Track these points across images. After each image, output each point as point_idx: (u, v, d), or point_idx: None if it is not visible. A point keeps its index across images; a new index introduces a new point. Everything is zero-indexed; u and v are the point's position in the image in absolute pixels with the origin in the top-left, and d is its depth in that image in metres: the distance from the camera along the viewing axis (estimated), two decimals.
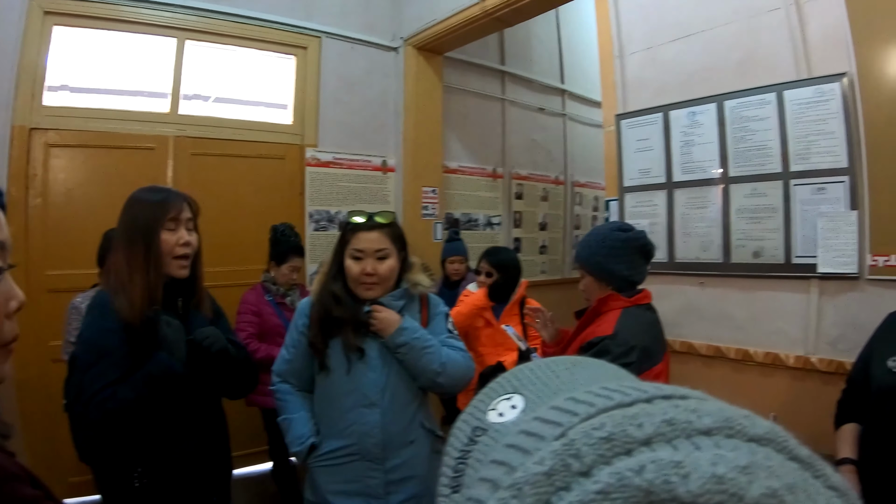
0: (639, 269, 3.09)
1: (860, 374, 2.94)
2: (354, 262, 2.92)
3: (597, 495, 0.39)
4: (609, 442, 0.42)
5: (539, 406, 0.55)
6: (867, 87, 3.59)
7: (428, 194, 7.15)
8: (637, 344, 2.84)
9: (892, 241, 3.46)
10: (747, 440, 0.43)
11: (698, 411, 0.45)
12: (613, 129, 4.86)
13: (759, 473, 0.39)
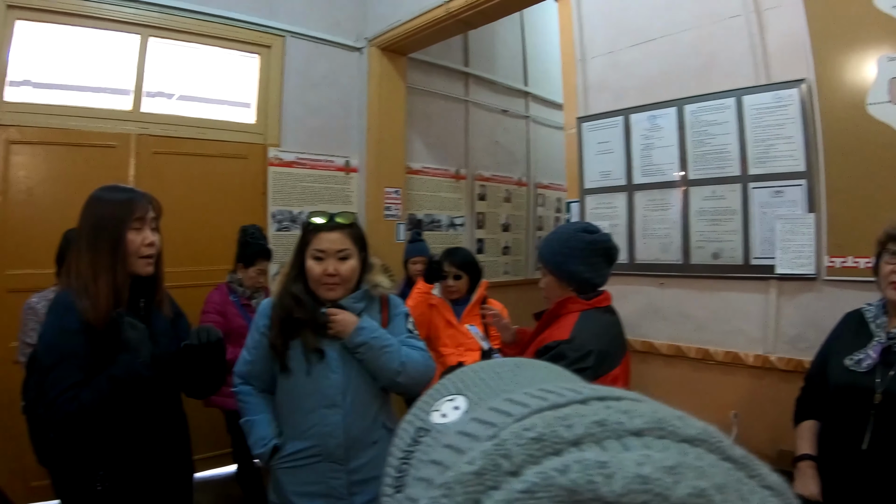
0: (601, 272, 3.05)
1: (818, 373, 3.03)
2: (316, 263, 2.92)
3: (522, 494, 0.39)
4: (539, 442, 0.43)
5: (480, 407, 0.55)
6: (825, 93, 3.68)
7: (391, 195, 7.12)
8: (594, 348, 2.79)
9: (848, 243, 3.54)
10: (679, 441, 0.44)
11: (630, 412, 0.46)
12: (574, 132, 4.90)
13: (687, 474, 0.39)
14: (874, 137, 3.47)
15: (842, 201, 3.62)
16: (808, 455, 2.90)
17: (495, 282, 8.01)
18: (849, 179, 3.59)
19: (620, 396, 0.50)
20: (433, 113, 7.94)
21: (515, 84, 9.07)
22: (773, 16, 3.91)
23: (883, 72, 3.47)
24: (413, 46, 7.06)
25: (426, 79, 7.80)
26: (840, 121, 3.62)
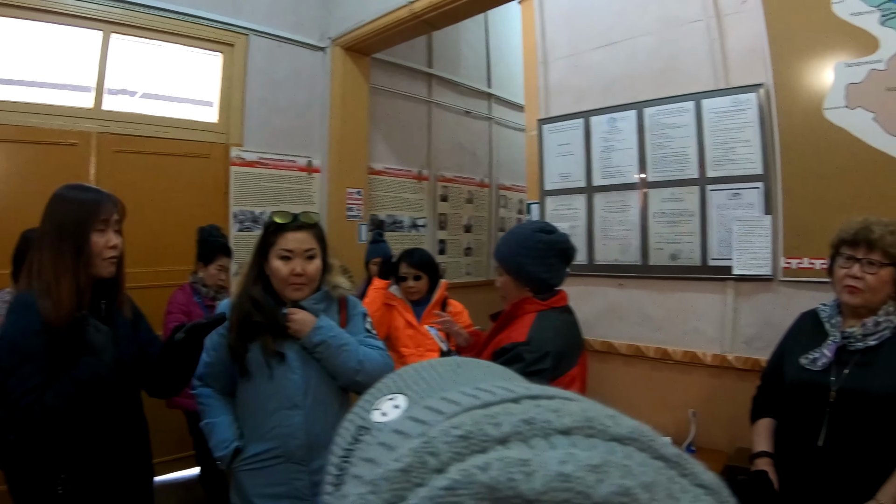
0: (558, 272, 3.04)
1: (774, 371, 3.07)
2: (283, 263, 2.88)
3: (444, 491, 0.39)
4: (466, 440, 0.43)
5: (417, 405, 0.55)
6: (783, 97, 3.76)
7: (353, 195, 7.08)
8: (551, 350, 2.80)
9: (804, 244, 3.63)
10: (608, 439, 0.44)
11: (559, 411, 0.45)
12: (535, 134, 4.92)
13: (612, 472, 0.39)
14: (830, 141, 3.56)
15: (798, 204, 3.70)
16: (764, 452, 2.93)
17: (457, 283, 8.09)
18: (805, 182, 3.67)
19: (553, 395, 0.51)
20: (396, 114, 7.90)
21: (479, 85, 9.06)
22: (733, 21, 3.98)
23: (840, 77, 3.55)
24: (377, 47, 7.02)
25: (389, 79, 7.76)
26: (797, 125, 3.70)
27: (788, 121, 3.75)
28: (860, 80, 3.49)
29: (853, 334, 2.71)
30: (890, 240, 2.63)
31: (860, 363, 2.68)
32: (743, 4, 3.93)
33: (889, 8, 3.39)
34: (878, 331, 2.67)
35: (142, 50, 5.99)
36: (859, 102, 3.49)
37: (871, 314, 2.71)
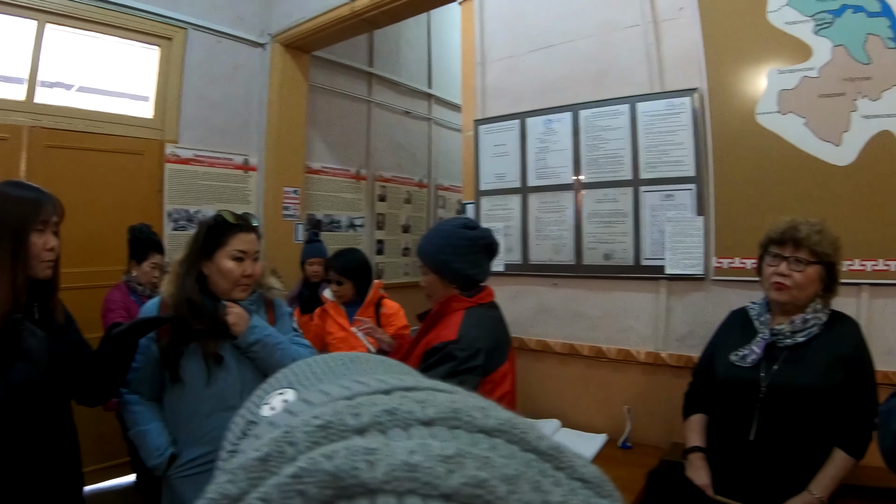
0: (483, 268, 3.07)
1: (705, 368, 3.15)
2: (236, 264, 2.84)
3: (290, 479, 0.39)
4: (325, 430, 0.43)
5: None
6: (716, 102, 3.84)
7: (289, 195, 6.99)
8: (482, 347, 2.81)
9: (735, 244, 3.71)
10: (475, 431, 0.44)
11: (425, 402, 0.46)
12: (472, 134, 4.90)
13: (467, 464, 0.40)
14: (762, 145, 3.66)
15: (729, 205, 3.78)
16: (697, 447, 2.99)
17: (395, 283, 8.05)
18: (736, 184, 3.75)
19: (428, 388, 0.51)
20: (335, 112, 7.82)
21: (419, 86, 9.04)
22: (670, 27, 4.03)
23: (773, 84, 3.64)
24: (317, 44, 6.95)
25: (329, 77, 7.68)
26: (730, 129, 3.79)
27: (721, 125, 3.83)
28: (793, 86, 3.59)
29: (782, 331, 2.80)
30: (816, 239, 2.72)
31: (789, 359, 2.76)
32: (680, 11, 3.97)
33: (823, 18, 3.49)
34: (807, 328, 2.75)
35: (77, 42, 5.79)
36: (791, 108, 3.59)
37: (800, 311, 2.80)
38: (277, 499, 0.40)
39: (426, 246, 3.06)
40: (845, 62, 3.45)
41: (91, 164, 5.76)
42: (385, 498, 0.38)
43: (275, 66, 6.93)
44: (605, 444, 3.99)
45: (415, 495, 0.38)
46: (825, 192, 3.48)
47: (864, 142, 3.39)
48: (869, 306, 3.36)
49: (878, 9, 3.37)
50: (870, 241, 3.34)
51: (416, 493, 0.38)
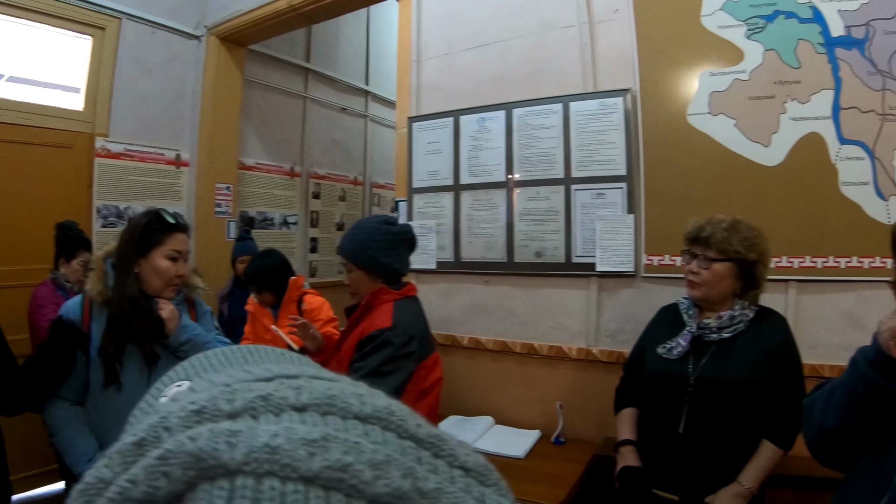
0: (406, 262, 3.18)
1: (636, 362, 3.20)
2: (171, 264, 2.82)
3: (157, 461, 0.40)
4: (199, 415, 0.44)
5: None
6: (648, 103, 3.90)
7: (222, 191, 6.82)
8: (415, 333, 2.94)
9: (665, 242, 3.77)
10: (350, 417, 0.46)
11: (300, 389, 0.47)
12: (405, 131, 4.87)
13: (332, 448, 0.41)
14: (692, 145, 3.74)
15: (659, 203, 3.85)
16: (628, 440, 3.03)
17: (329, 281, 7.92)
18: (667, 183, 3.82)
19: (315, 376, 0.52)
20: (270, 108, 7.69)
21: (356, 82, 8.95)
22: (605, 28, 4.07)
23: (704, 86, 3.73)
24: (253, 38, 6.80)
25: (265, 72, 7.54)
26: (661, 129, 3.85)
27: (653, 125, 3.88)
28: (724, 88, 3.68)
29: (708, 326, 2.86)
30: (721, 237, 2.79)
31: (716, 353, 2.82)
32: (615, 13, 4.01)
33: (755, 23, 3.60)
34: (734, 324, 2.82)
35: (7, 30, 5.51)
36: (722, 109, 3.68)
37: (723, 307, 2.88)
38: (144, 480, 0.40)
39: (350, 244, 3.10)
40: (776, 66, 3.56)
41: (17, 158, 5.49)
42: (243, 479, 0.39)
43: (209, 59, 6.74)
44: (539, 440, 3.99)
45: (274, 477, 0.39)
46: (754, 192, 3.58)
47: (793, 143, 3.51)
48: (797, 302, 3.46)
49: (810, 15, 3.49)
50: (797, 238, 3.45)
51: (275, 475, 0.39)
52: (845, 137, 3.41)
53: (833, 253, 3.40)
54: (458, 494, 0.44)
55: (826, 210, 3.44)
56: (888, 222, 3.28)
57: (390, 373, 2.83)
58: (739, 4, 3.66)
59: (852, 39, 3.41)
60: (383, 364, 2.81)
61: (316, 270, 8.21)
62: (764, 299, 2.93)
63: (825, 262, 3.42)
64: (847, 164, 3.41)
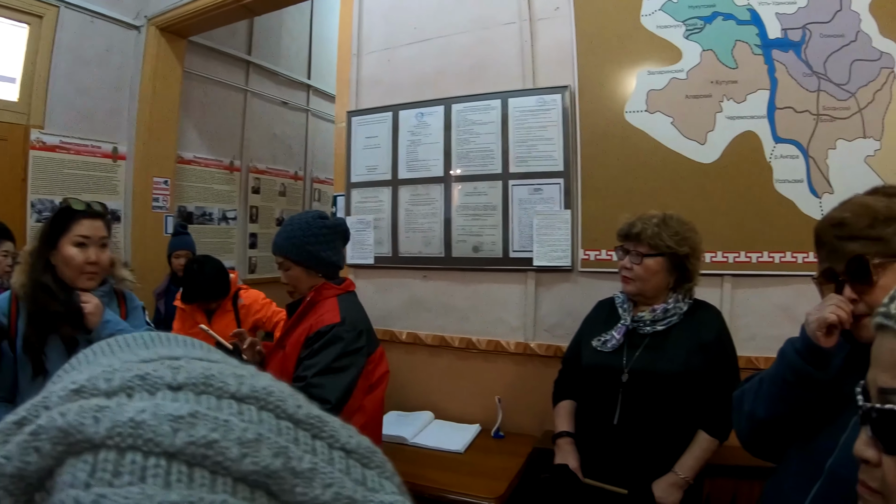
0: (342, 255, 3.19)
1: (573, 356, 3.23)
2: (79, 250, 2.72)
3: (29, 436, 0.42)
4: (77, 394, 0.45)
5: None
6: (586, 100, 3.93)
7: (160, 185, 6.66)
8: (363, 328, 2.98)
9: (601, 237, 3.80)
10: (227, 397, 0.47)
11: (178, 369, 0.48)
12: (344, 126, 4.82)
13: (199, 425, 0.42)
14: (629, 142, 3.80)
15: (596, 199, 3.88)
16: (565, 432, 3.06)
17: (268, 277, 7.81)
18: (603, 179, 3.86)
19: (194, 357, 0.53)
20: (210, 101, 7.54)
21: (298, 76, 8.85)
22: (545, 25, 4.10)
23: (642, 84, 3.79)
24: (195, 29, 6.65)
25: (205, 64, 7.40)
26: (598, 126, 3.89)
27: (590, 121, 3.91)
28: (661, 87, 3.74)
29: (643, 319, 2.91)
30: (651, 232, 2.83)
31: (650, 346, 2.87)
32: (556, 10, 4.04)
33: (694, 23, 3.67)
34: (667, 317, 2.88)
35: None
36: (659, 107, 3.75)
37: (658, 301, 2.92)
38: (17, 455, 0.42)
39: (286, 241, 3.07)
40: (713, 66, 3.64)
41: None
42: (106, 453, 0.41)
43: (149, 50, 6.55)
44: (478, 434, 4.01)
45: (136, 451, 0.41)
46: (690, 188, 3.66)
47: (728, 141, 3.61)
48: (732, 295, 3.56)
49: (748, 17, 3.58)
50: (732, 234, 3.55)
51: (138, 450, 0.41)
52: (780, 136, 3.51)
53: (768, 248, 3.49)
54: (336, 475, 0.46)
55: (761, 207, 3.53)
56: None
57: (344, 368, 2.84)
58: (679, 5, 3.72)
59: (789, 42, 3.51)
60: (336, 360, 2.81)
61: (255, 266, 8.09)
62: (699, 293, 2.98)
63: (760, 258, 3.50)
64: (781, 162, 3.51)
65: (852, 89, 3.43)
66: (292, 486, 0.44)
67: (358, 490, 0.47)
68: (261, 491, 0.43)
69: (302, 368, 2.81)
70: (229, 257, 7.14)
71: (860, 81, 3.41)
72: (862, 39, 3.43)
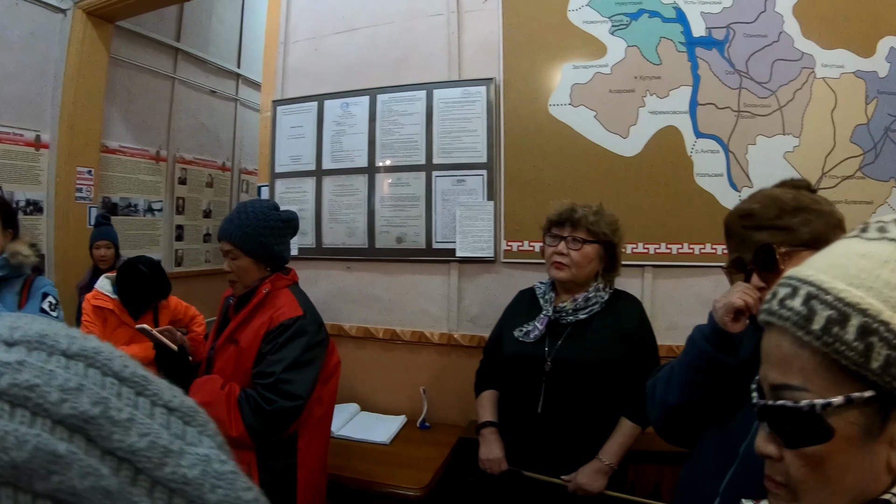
0: (289, 247, 3.10)
1: (495, 346, 3.25)
2: None
3: None
4: None
5: None
6: (511, 92, 3.96)
7: (83, 175, 6.40)
8: (320, 320, 2.97)
9: (523, 228, 3.85)
10: (57, 354, 0.50)
11: (17, 328, 0.51)
12: (269, 115, 4.75)
13: (25, 371, 0.46)
14: (553, 135, 3.85)
15: (519, 191, 3.92)
16: (489, 422, 3.08)
17: (195, 270, 7.72)
18: (526, 171, 3.90)
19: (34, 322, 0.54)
20: (136, 88, 7.27)
21: (228, 64, 8.63)
22: (473, 18, 4.11)
23: (567, 78, 3.83)
24: (122, 13, 6.41)
25: (132, 51, 7.11)
26: (522, 118, 3.92)
27: (514, 114, 3.94)
28: (586, 81, 3.80)
29: (564, 308, 2.93)
30: (592, 219, 2.87)
31: (572, 335, 2.90)
32: (484, 3, 4.06)
33: (620, 20, 3.75)
34: (589, 305, 2.92)
35: None
36: (583, 101, 3.80)
37: (582, 290, 2.96)
38: None
39: (239, 230, 2.92)
40: (637, 61, 3.72)
41: None
42: None
43: (75, 34, 6.26)
44: (404, 425, 4.01)
45: None
46: (612, 181, 3.72)
47: (651, 135, 3.70)
48: (652, 286, 3.66)
49: (674, 15, 3.68)
50: (653, 225, 3.65)
51: None
52: (701, 131, 3.62)
53: (688, 240, 3.60)
54: (154, 427, 0.50)
55: (681, 199, 3.63)
56: None
57: (311, 361, 2.82)
58: (606, 1, 3.78)
59: (713, 40, 3.61)
60: (303, 354, 2.78)
61: (182, 259, 7.85)
62: (623, 283, 3.05)
63: (680, 249, 3.62)
64: (702, 156, 3.63)
65: (773, 87, 3.56)
66: (110, 433, 0.47)
67: (175, 442, 0.49)
68: (79, 435, 0.46)
69: (267, 364, 2.74)
70: (155, 250, 6.95)
71: (781, 80, 3.55)
72: (784, 40, 3.56)
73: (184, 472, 0.49)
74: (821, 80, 3.54)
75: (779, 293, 0.96)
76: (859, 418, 0.85)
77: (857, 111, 3.52)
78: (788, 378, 0.90)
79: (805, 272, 0.94)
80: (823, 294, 0.87)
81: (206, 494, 0.50)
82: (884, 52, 3.51)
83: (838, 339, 0.84)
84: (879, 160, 3.50)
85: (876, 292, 0.85)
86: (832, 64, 3.54)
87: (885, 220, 0.95)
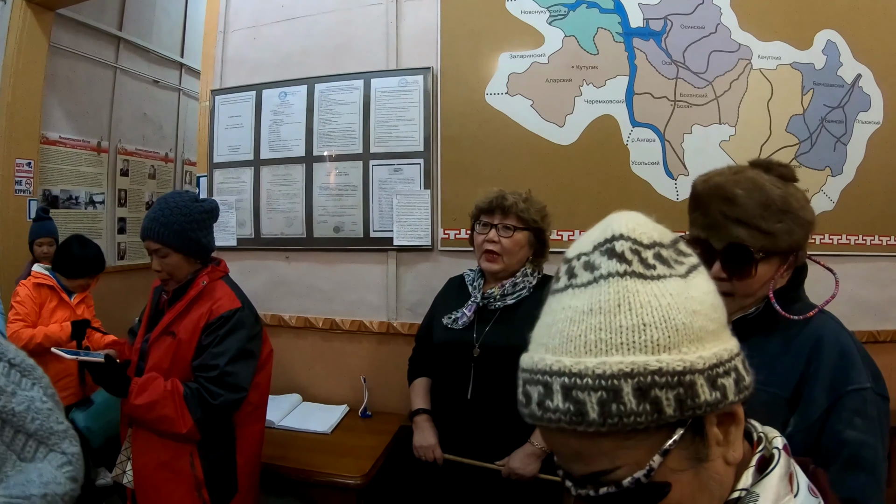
0: (213, 236, 3.04)
1: (426, 333, 3.28)
2: None
3: None
4: None
5: None
6: (448, 81, 3.95)
7: (22, 167, 6.16)
8: (255, 312, 2.98)
9: (460, 217, 3.76)
10: None
11: None
12: (208, 105, 4.64)
13: None
14: (489, 124, 3.85)
15: (455, 180, 3.92)
16: (422, 409, 3.11)
17: (139, 264, 7.47)
18: (463, 160, 3.91)
19: None
20: (77, 78, 7.01)
21: (171, 54, 8.38)
22: (411, 7, 4.07)
23: (503, 67, 3.83)
24: (63, 1, 6.22)
25: (73, 39, 6.86)
26: (459, 107, 3.91)
27: (451, 103, 3.94)
28: (523, 70, 3.80)
29: (492, 295, 2.95)
30: (522, 206, 2.89)
31: (500, 320, 2.92)
32: None
33: (558, 10, 3.75)
34: (517, 291, 2.94)
35: None
36: (519, 90, 3.80)
37: (511, 276, 2.97)
38: None
39: (165, 228, 2.84)
40: (574, 51, 3.73)
41: None
42: None
43: (14, 22, 5.99)
44: (346, 414, 4.01)
45: None
46: (548, 169, 3.76)
47: (587, 124, 3.73)
48: None
49: (612, 6, 3.70)
50: (589, 214, 3.41)
51: None
52: (637, 120, 3.65)
53: None
54: None
55: (618, 187, 3.68)
56: (677, 200, 3.67)
57: (251, 353, 2.87)
58: None
59: (650, 31, 3.64)
60: (245, 345, 2.81)
61: (125, 253, 7.63)
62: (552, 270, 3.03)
63: None
64: (638, 145, 3.68)
65: (710, 78, 3.63)
66: None
67: (10, 386, 0.51)
68: None
69: (210, 356, 2.73)
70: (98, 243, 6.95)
71: (718, 71, 3.62)
72: (721, 32, 3.63)
73: (12, 407, 0.52)
74: (757, 70, 3.61)
75: (532, 396, 0.92)
76: (683, 454, 0.83)
77: (794, 102, 3.61)
78: (595, 466, 0.85)
79: (546, 361, 0.89)
80: (579, 379, 0.82)
81: (27, 424, 0.54)
82: (821, 44, 3.62)
83: (622, 414, 0.78)
84: (815, 149, 3.63)
85: (627, 346, 0.81)
86: (769, 55, 3.62)
87: (585, 254, 0.93)
